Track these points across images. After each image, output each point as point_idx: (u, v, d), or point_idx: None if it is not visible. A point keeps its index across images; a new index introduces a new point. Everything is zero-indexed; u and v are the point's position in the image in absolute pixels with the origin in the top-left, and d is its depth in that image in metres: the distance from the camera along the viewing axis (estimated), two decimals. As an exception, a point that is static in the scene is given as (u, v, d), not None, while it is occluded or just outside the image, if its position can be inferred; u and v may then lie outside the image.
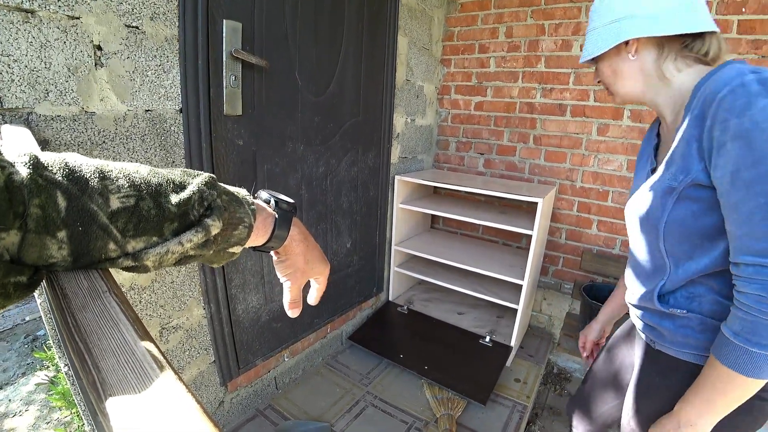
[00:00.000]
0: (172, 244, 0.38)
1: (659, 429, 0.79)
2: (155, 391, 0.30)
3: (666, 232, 0.75)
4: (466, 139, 2.59)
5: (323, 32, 1.59)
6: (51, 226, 0.32)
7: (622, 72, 0.80)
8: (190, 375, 1.41)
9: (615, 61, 0.80)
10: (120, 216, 0.35)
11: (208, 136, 1.25)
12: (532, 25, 2.23)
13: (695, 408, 0.72)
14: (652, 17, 0.73)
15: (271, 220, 0.49)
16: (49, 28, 0.89)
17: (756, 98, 0.58)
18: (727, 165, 0.62)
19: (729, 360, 0.65)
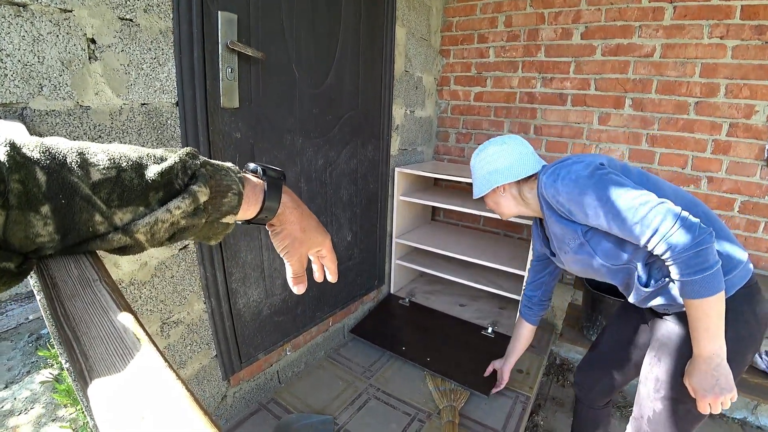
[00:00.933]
0: (160, 212, 0.38)
1: (698, 375, 0.91)
2: (144, 378, 0.30)
3: (605, 260, 1.03)
4: (466, 131, 2.58)
5: (320, 23, 1.58)
6: (33, 200, 0.32)
7: (500, 202, 1.20)
8: (192, 370, 1.41)
9: (494, 197, 1.20)
10: (102, 186, 0.35)
11: (205, 130, 1.24)
12: (532, 13, 2.21)
13: (703, 340, 0.89)
14: (509, 169, 1.13)
15: (260, 188, 0.48)
16: (42, 22, 0.88)
17: (555, 183, 0.99)
18: (581, 215, 0.96)
19: (695, 293, 0.86)
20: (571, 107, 2.19)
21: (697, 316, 0.88)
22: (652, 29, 1.93)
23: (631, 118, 2.05)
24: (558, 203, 1.00)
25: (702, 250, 0.83)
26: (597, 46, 2.07)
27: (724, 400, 0.90)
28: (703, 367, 0.89)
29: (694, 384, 0.91)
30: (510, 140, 1.16)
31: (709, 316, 0.86)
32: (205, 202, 0.41)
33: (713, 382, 0.88)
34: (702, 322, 0.87)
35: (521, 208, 1.19)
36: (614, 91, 2.07)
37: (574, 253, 1.07)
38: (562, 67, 2.18)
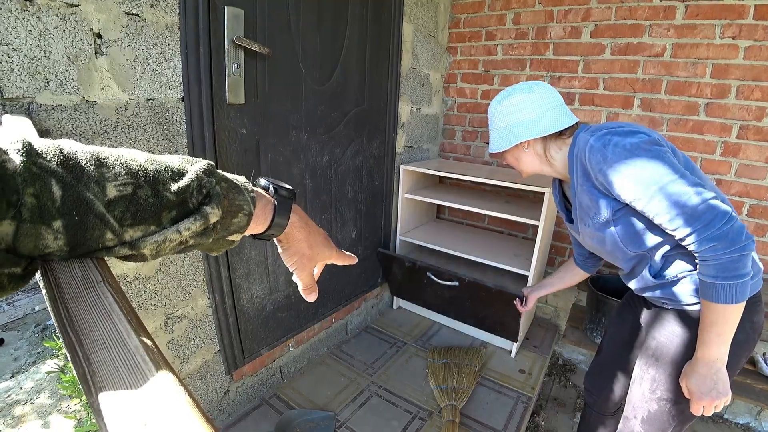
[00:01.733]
0: (170, 232, 0.37)
1: (696, 377, 0.90)
2: (147, 385, 0.29)
3: (625, 245, 0.97)
4: (472, 128, 2.56)
5: (327, 19, 1.57)
6: (46, 215, 0.31)
7: (521, 159, 1.08)
8: (195, 364, 1.42)
9: (515, 152, 1.08)
10: (117, 205, 0.34)
11: (210, 125, 1.24)
12: (541, 11, 2.19)
13: (713, 344, 0.87)
14: (535, 122, 1.00)
15: (270, 207, 0.48)
16: (48, 16, 0.88)
17: (604, 149, 0.87)
18: (623, 190, 0.86)
19: (719, 297, 0.83)
20: (579, 107, 2.17)
21: (714, 320, 0.86)
22: (662, 28, 1.91)
23: (640, 118, 2.03)
24: (600, 172, 0.89)
25: (743, 255, 0.80)
26: (606, 45, 2.05)
27: (718, 404, 0.90)
28: (704, 370, 0.89)
29: (692, 386, 0.91)
30: (539, 88, 1.01)
31: (726, 323, 0.85)
32: (216, 222, 0.41)
33: (712, 385, 0.88)
34: (718, 327, 0.86)
35: (544, 167, 1.07)
36: (623, 90, 2.05)
37: (595, 229, 1.01)
38: (570, 66, 2.16)
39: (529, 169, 1.09)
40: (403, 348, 2.13)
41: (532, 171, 1.10)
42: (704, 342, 0.88)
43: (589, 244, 1.09)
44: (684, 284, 0.95)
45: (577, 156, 0.95)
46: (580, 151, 0.93)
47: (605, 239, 1.00)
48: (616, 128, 0.90)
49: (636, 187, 0.84)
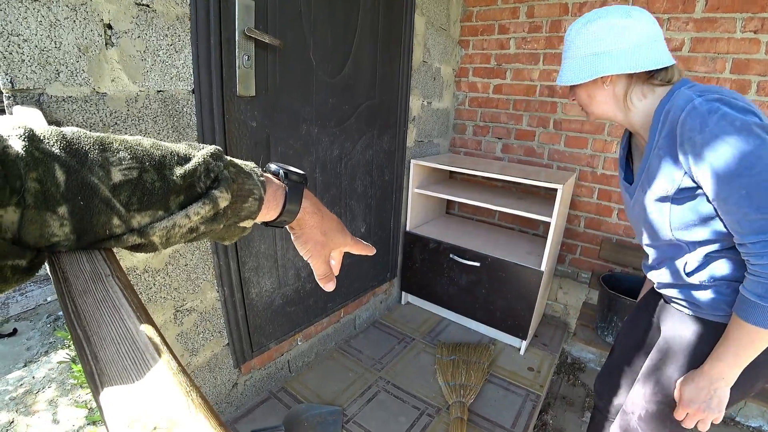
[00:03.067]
0: (179, 217, 0.36)
1: (693, 387, 0.86)
2: (156, 386, 0.28)
3: (672, 228, 0.87)
4: (483, 123, 2.53)
5: (338, 11, 1.55)
6: (51, 201, 0.30)
7: (596, 97, 0.93)
8: (204, 357, 1.42)
9: (591, 88, 0.92)
10: (123, 189, 0.33)
11: (221, 118, 1.23)
12: (555, 4, 2.14)
13: (726, 363, 0.82)
14: (625, 55, 0.84)
15: (281, 193, 0.47)
16: (59, 7, 0.87)
17: (708, 116, 0.73)
18: (706, 170, 0.75)
19: (756, 318, 0.75)
20: (593, 101, 2.13)
21: (739, 340, 0.79)
22: (681, 22, 1.86)
23: (656, 113, 1.99)
24: (689, 141, 0.75)
25: None
26: (622, 38, 2.00)
27: (704, 419, 0.87)
28: (703, 383, 0.85)
29: (685, 392, 0.88)
30: (637, 13, 0.84)
31: (751, 347, 0.78)
32: (225, 207, 0.40)
33: (705, 398, 0.85)
34: (739, 347, 0.79)
35: (618, 113, 0.93)
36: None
37: (649, 200, 0.89)
38: (585, 60, 2.12)
39: (600, 111, 0.94)
40: (411, 344, 2.12)
41: (603, 115, 0.95)
42: (718, 357, 0.83)
43: (636, 213, 0.97)
44: (715, 292, 0.87)
45: (669, 112, 0.80)
46: (676, 109, 0.78)
47: (653, 215, 0.90)
48: (729, 97, 0.75)
49: (725, 171, 0.72)
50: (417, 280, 2.35)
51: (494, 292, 2.05)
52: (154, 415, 0.26)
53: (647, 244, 1.01)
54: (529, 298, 1.96)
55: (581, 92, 0.94)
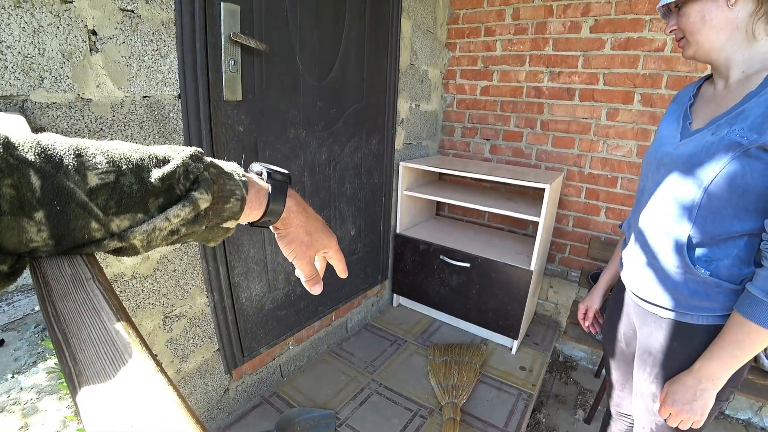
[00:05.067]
0: (158, 220, 0.36)
1: (679, 386, 0.85)
2: (134, 385, 0.29)
3: (714, 184, 0.76)
4: (471, 125, 2.55)
5: (325, 15, 1.55)
6: (26, 206, 0.30)
7: (712, 20, 0.76)
8: (195, 363, 1.41)
9: (709, 7, 0.75)
10: (100, 193, 0.33)
11: (207, 122, 1.23)
12: (540, 6, 2.17)
13: (720, 363, 0.78)
14: None
15: (264, 193, 0.47)
16: (42, 13, 0.87)
17: None
18: None
19: (759, 318, 0.71)
20: (579, 102, 2.16)
21: (738, 339, 0.76)
22: (663, 23, 1.89)
23: (640, 114, 2.02)
24: None
25: None
26: (606, 39, 2.03)
27: (685, 419, 0.85)
28: (691, 382, 0.83)
29: (672, 390, 0.86)
30: None
31: (751, 347, 0.75)
32: (207, 208, 0.40)
33: (690, 399, 0.83)
34: (737, 348, 0.76)
35: (728, 47, 0.78)
36: (623, 86, 2.03)
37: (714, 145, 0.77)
38: (570, 61, 2.14)
39: (709, 42, 0.78)
40: (404, 346, 2.12)
41: (709, 47, 0.79)
42: (712, 356, 0.80)
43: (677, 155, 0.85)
44: (704, 289, 0.83)
45: None
46: None
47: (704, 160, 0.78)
48: None
49: None
50: (408, 282, 2.36)
51: (485, 292, 2.06)
52: (130, 415, 0.26)
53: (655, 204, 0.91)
54: (520, 297, 1.97)
55: (693, 13, 0.77)
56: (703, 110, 0.88)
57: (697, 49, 0.81)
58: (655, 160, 0.93)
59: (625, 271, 1.03)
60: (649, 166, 0.96)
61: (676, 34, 0.83)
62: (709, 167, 0.77)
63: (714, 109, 0.84)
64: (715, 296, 0.82)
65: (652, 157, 0.95)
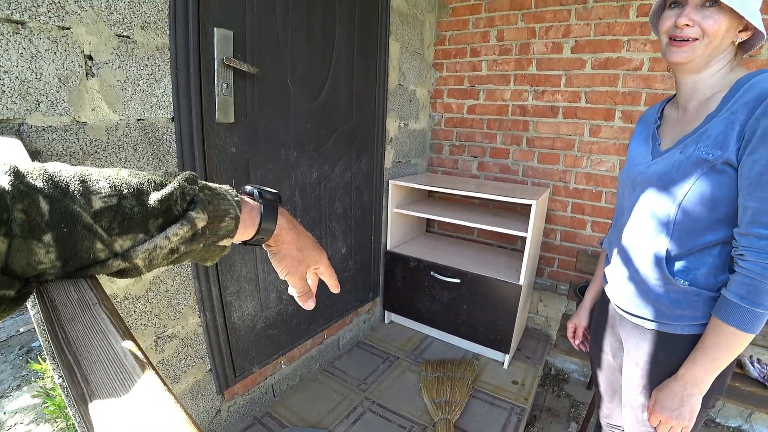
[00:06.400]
0: (159, 239, 0.38)
1: (666, 393, 0.87)
2: (144, 405, 0.30)
3: (686, 199, 0.83)
4: (459, 143, 2.60)
5: (315, 39, 1.60)
6: (36, 229, 0.32)
7: (726, 36, 0.80)
8: (186, 384, 1.40)
9: (732, 24, 0.79)
10: (104, 215, 0.36)
11: (200, 144, 1.25)
12: (523, 28, 2.25)
13: (702, 367, 0.82)
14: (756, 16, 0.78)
15: (257, 211, 0.50)
16: (40, 39, 0.89)
17: None
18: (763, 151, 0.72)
19: (735, 320, 0.76)
20: (563, 119, 2.23)
21: (717, 343, 0.80)
22: (640, 43, 1.97)
23: (621, 130, 2.08)
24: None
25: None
26: (587, 59, 2.11)
27: (675, 425, 0.87)
28: (677, 388, 0.86)
29: (660, 398, 0.89)
30: None
31: (729, 350, 0.79)
32: (203, 227, 0.42)
33: (677, 405, 0.85)
34: (716, 351, 0.80)
35: (713, 66, 0.84)
36: (604, 103, 2.11)
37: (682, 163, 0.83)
38: (553, 81, 2.22)
39: (712, 47, 0.81)
40: (396, 362, 2.12)
41: (706, 57, 0.82)
42: (694, 361, 0.83)
43: (650, 175, 0.91)
44: (684, 299, 0.87)
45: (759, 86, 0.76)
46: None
47: (675, 178, 0.84)
48: None
49: None
50: (399, 298, 2.37)
51: (476, 307, 2.08)
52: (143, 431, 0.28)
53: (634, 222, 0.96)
54: (510, 312, 1.99)
55: (723, 18, 0.78)
56: (670, 131, 0.95)
57: (704, 52, 0.81)
58: (629, 180, 0.99)
59: (609, 285, 1.07)
60: (624, 186, 1.02)
61: (690, 31, 0.80)
62: (681, 184, 0.83)
63: (679, 130, 0.91)
64: (695, 304, 0.86)
65: (626, 177, 1.01)
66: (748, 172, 0.75)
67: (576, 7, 2.09)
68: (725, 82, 0.84)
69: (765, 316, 0.75)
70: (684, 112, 0.92)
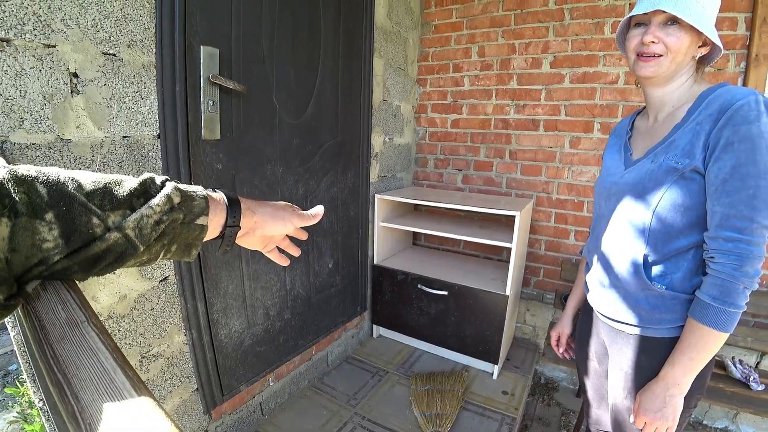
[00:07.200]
0: (144, 209, 0.43)
1: (649, 395, 0.90)
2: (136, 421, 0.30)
3: (660, 206, 0.87)
4: (444, 156, 2.64)
5: (300, 56, 1.62)
6: (38, 209, 0.36)
7: (688, 52, 0.86)
8: (172, 404, 1.37)
9: (693, 41, 0.85)
10: (95, 195, 0.41)
11: (186, 161, 1.25)
12: (503, 44, 2.31)
13: (681, 368, 0.85)
14: (713, 32, 0.83)
15: (221, 197, 0.55)
16: (25, 57, 0.89)
17: (763, 114, 0.76)
18: (732, 159, 0.77)
19: (710, 320, 0.80)
20: (544, 132, 2.28)
21: (693, 343, 0.83)
22: (615, 58, 2.05)
23: (600, 141, 2.14)
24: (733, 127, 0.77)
25: (747, 288, 0.79)
26: (565, 74, 2.18)
27: (659, 426, 0.89)
28: (659, 390, 0.88)
29: (643, 400, 0.91)
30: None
31: (705, 349, 0.82)
32: (179, 203, 0.47)
33: (660, 406, 0.88)
34: (694, 352, 0.83)
35: (678, 80, 0.90)
36: (583, 116, 2.17)
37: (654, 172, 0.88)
38: (533, 95, 2.28)
39: (675, 64, 0.86)
40: (385, 377, 2.11)
41: (671, 72, 0.88)
42: (673, 363, 0.86)
43: (624, 184, 0.95)
44: (662, 303, 0.90)
45: (720, 97, 0.81)
46: (732, 95, 0.80)
47: (649, 186, 0.89)
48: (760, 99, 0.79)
49: (747, 164, 0.76)
50: (387, 312, 2.37)
51: (463, 319, 2.09)
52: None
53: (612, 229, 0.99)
54: (498, 322, 2.01)
55: (684, 35, 0.84)
56: (641, 141, 1.00)
57: (670, 67, 0.87)
58: (605, 190, 1.03)
59: (591, 293, 1.09)
60: (600, 196, 1.06)
61: (656, 48, 0.86)
62: (654, 192, 0.88)
63: (649, 140, 0.96)
64: (672, 308, 0.89)
65: (601, 187, 1.06)
66: (714, 179, 0.80)
67: (554, 24, 2.16)
68: (690, 94, 0.90)
69: (737, 315, 0.79)
70: (653, 123, 0.97)
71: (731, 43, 1.78)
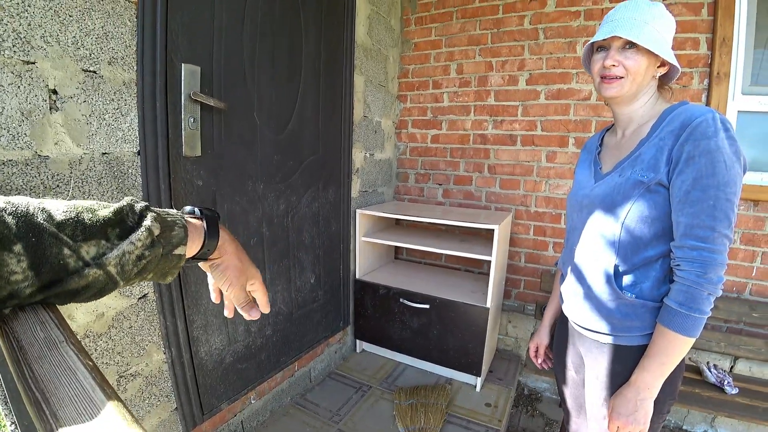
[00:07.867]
0: (125, 245, 0.43)
1: (621, 399, 0.92)
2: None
3: (628, 218, 0.92)
4: (424, 171, 2.68)
5: (281, 73, 1.64)
6: (5, 241, 0.35)
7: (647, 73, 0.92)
8: (151, 425, 1.34)
9: (651, 63, 0.91)
10: (66, 225, 0.40)
11: (166, 178, 1.24)
12: (481, 62, 2.38)
13: (652, 372, 0.88)
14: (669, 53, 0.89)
15: (200, 224, 0.55)
16: (3, 73, 0.89)
17: (721, 131, 0.82)
18: (693, 172, 0.82)
19: (677, 326, 0.84)
20: (521, 147, 2.34)
21: (663, 348, 0.87)
22: (587, 76, 2.13)
23: (576, 155, 2.21)
24: (694, 142, 0.82)
25: (711, 295, 0.82)
26: (541, 91, 2.25)
27: (632, 430, 0.91)
28: (630, 394, 0.91)
29: (616, 404, 0.93)
30: None
31: (673, 354, 0.86)
32: (158, 235, 0.46)
33: (632, 410, 0.90)
34: (663, 356, 0.87)
35: (641, 98, 0.96)
36: (559, 131, 2.24)
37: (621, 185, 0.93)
38: (510, 111, 2.34)
39: (637, 84, 0.92)
40: (369, 392, 2.10)
41: (633, 92, 0.94)
42: (643, 368, 0.90)
43: (594, 197, 1.00)
44: (633, 311, 0.93)
45: (682, 114, 0.87)
46: (692, 112, 0.86)
47: (617, 199, 0.93)
48: (732, 131, 0.84)
49: (707, 177, 0.81)
50: (370, 326, 2.37)
51: (446, 332, 2.11)
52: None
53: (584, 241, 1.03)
54: (480, 334, 2.02)
55: (641, 58, 0.90)
56: (609, 156, 1.05)
57: (631, 88, 0.92)
58: (576, 203, 1.08)
59: (566, 303, 1.12)
60: (572, 209, 1.11)
61: (617, 70, 0.92)
62: (623, 205, 0.93)
63: (617, 154, 1.01)
64: (642, 316, 0.93)
65: (573, 200, 1.10)
66: (678, 191, 0.85)
67: (529, 42, 2.24)
68: (654, 111, 0.96)
69: (702, 320, 0.83)
70: (621, 139, 1.03)
71: (694, 61, 1.88)
